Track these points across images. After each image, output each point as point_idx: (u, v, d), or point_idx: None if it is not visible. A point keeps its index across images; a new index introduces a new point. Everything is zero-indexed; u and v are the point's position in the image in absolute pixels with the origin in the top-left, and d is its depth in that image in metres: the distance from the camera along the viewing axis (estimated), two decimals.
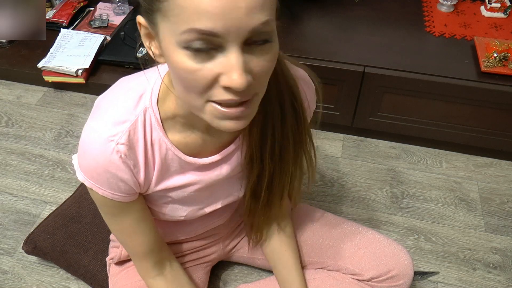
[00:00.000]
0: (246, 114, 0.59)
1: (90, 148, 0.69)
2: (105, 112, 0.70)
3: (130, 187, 0.74)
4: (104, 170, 0.70)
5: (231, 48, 0.52)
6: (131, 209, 0.78)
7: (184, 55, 0.53)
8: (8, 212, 1.38)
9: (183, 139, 0.74)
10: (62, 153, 1.57)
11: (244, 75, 0.53)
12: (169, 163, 0.76)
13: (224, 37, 0.51)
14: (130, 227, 0.81)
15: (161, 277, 0.90)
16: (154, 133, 0.72)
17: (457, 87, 1.40)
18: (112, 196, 0.73)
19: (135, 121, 0.70)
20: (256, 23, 0.51)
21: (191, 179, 0.80)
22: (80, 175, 0.73)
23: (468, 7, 1.69)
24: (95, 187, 0.72)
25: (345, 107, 1.54)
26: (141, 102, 0.70)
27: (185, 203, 0.84)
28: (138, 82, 0.72)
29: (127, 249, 0.88)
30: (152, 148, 0.73)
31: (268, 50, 0.56)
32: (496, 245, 1.34)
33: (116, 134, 0.68)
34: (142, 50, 1.76)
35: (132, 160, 0.71)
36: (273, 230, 0.99)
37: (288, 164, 0.81)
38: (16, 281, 1.22)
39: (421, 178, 1.52)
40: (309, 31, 1.57)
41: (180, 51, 0.53)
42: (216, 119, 0.59)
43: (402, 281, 0.97)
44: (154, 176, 0.76)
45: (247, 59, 0.54)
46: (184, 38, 0.52)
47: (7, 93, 1.81)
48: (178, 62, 0.54)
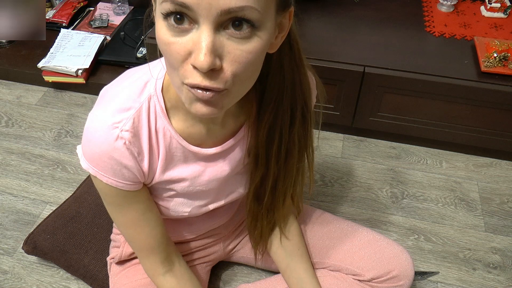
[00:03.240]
0: (216, 101, 0.57)
1: (95, 135, 0.69)
2: (110, 100, 0.71)
3: (134, 175, 0.73)
4: (108, 157, 0.70)
5: (203, 25, 0.51)
6: (136, 199, 0.77)
7: (163, 25, 0.54)
8: (8, 212, 1.38)
9: (186, 128, 0.74)
10: (62, 153, 1.57)
11: (209, 55, 0.51)
12: (173, 152, 0.76)
13: (196, 12, 0.50)
14: (135, 219, 0.80)
15: (171, 274, 0.88)
16: (159, 121, 0.72)
17: (457, 87, 1.40)
18: (116, 184, 0.73)
19: (139, 109, 0.70)
20: (231, 5, 0.49)
21: (195, 170, 0.79)
22: (84, 163, 0.72)
23: (468, 7, 1.69)
24: (99, 174, 0.72)
25: (345, 107, 1.54)
26: (145, 90, 0.70)
27: (190, 198, 0.84)
28: (143, 71, 0.72)
29: (133, 244, 0.86)
30: (157, 136, 0.73)
31: (249, 39, 0.54)
32: (496, 245, 1.34)
33: (121, 121, 0.68)
34: (142, 50, 1.77)
35: (137, 148, 0.71)
36: (278, 237, 0.98)
37: (292, 168, 0.82)
38: (16, 281, 1.22)
39: (421, 178, 1.52)
40: (309, 31, 1.57)
41: (161, 21, 0.54)
42: (189, 100, 0.58)
43: (402, 281, 0.97)
44: (158, 165, 0.76)
45: (222, 42, 0.53)
46: (162, 7, 0.52)
47: (7, 93, 1.81)
48: (158, 32, 0.55)
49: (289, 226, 0.98)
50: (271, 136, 0.76)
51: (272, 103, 0.73)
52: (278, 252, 0.99)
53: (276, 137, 0.76)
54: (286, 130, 0.76)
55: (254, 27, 0.53)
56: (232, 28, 0.52)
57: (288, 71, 0.70)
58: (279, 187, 0.84)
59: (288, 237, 0.98)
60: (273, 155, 0.78)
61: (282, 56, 0.69)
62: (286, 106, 0.73)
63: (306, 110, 0.76)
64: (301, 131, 0.78)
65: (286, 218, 0.97)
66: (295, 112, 0.75)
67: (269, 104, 0.73)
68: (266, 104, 0.73)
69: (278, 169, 0.80)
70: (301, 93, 0.74)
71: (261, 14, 0.52)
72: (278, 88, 0.71)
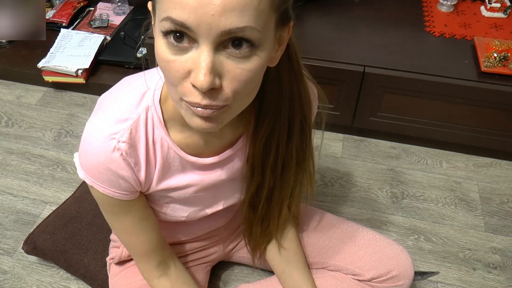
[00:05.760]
0: (216, 117, 0.57)
1: (92, 145, 0.69)
2: (107, 110, 0.70)
3: (131, 185, 0.74)
4: (105, 168, 0.70)
5: (203, 45, 0.51)
6: (132, 207, 0.78)
7: (163, 43, 0.54)
8: (8, 212, 1.38)
9: (184, 139, 0.74)
10: (62, 153, 1.57)
11: (208, 75, 0.51)
12: (171, 162, 0.76)
13: (196, 32, 0.50)
14: (131, 226, 0.80)
15: (166, 277, 0.89)
16: (156, 131, 0.72)
17: (457, 87, 1.39)
18: (113, 194, 0.73)
19: (137, 119, 0.70)
20: (231, 26, 0.50)
21: (192, 179, 0.80)
22: (81, 172, 0.73)
23: (468, 7, 1.69)
24: (96, 184, 0.72)
25: (345, 107, 1.53)
26: (143, 101, 0.70)
27: (186, 203, 0.84)
28: (142, 81, 0.72)
29: (129, 249, 0.87)
30: (154, 147, 0.73)
31: (249, 58, 0.54)
32: (496, 245, 1.34)
33: (118, 132, 0.68)
34: (142, 50, 1.76)
35: (133, 158, 0.71)
36: (275, 245, 0.98)
37: (289, 180, 0.81)
38: (16, 281, 1.22)
39: (421, 178, 1.52)
40: (309, 31, 1.57)
41: (160, 38, 0.54)
42: (189, 115, 0.58)
43: (402, 281, 0.97)
44: (155, 175, 0.76)
45: (221, 61, 0.53)
46: (162, 25, 0.52)
47: (7, 93, 1.81)
48: (157, 49, 0.55)
49: (286, 233, 0.98)
50: (268, 147, 0.75)
51: (269, 115, 0.72)
52: (275, 257, 1.00)
53: (272, 149, 0.75)
54: (283, 142, 0.75)
55: (254, 46, 0.53)
56: (232, 47, 0.52)
57: (286, 84, 0.70)
58: (274, 198, 0.83)
59: (284, 245, 0.97)
60: (269, 167, 0.77)
61: (280, 68, 0.68)
62: (284, 119, 0.72)
63: (305, 123, 0.76)
64: (299, 143, 0.77)
65: (283, 229, 0.97)
66: (293, 125, 0.74)
67: (267, 116, 0.72)
68: (263, 116, 0.72)
69: (274, 181, 0.80)
70: (300, 106, 0.73)
71: (261, 34, 0.52)
72: (276, 100, 0.71)
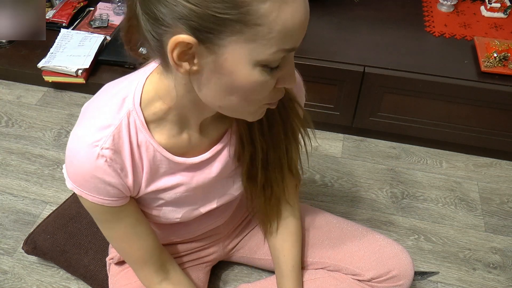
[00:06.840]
0: None
1: (76, 155, 0.70)
2: (90, 119, 0.71)
3: (119, 191, 0.73)
4: (91, 176, 0.70)
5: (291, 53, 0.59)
6: (124, 213, 0.78)
7: (259, 71, 0.56)
8: (8, 212, 1.38)
9: (169, 140, 0.74)
10: (62, 153, 1.57)
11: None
12: (158, 165, 0.76)
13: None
14: (126, 233, 0.80)
15: (167, 282, 0.89)
16: (140, 135, 0.71)
17: (457, 87, 1.40)
18: (102, 202, 0.73)
19: (119, 125, 0.69)
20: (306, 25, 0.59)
21: (181, 179, 0.79)
22: (69, 183, 0.73)
23: (468, 7, 1.69)
24: (85, 194, 0.72)
25: (345, 107, 1.54)
26: (124, 106, 0.70)
27: (178, 204, 0.84)
28: (121, 86, 0.72)
29: (127, 258, 0.87)
30: (139, 151, 0.73)
31: None
32: (496, 245, 1.34)
33: (100, 139, 0.68)
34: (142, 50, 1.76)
35: (119, 164, 0.71)
36: (279, 224, 0.98)
37: (279, 135, 0.81)
38: (16, 281, 1.22)
39: (421, 178, 1.52)
40: (308, 31, 1.56)
41: (254, 68, 0.56)
42: (259, 113, 0.67)
43: (402, 281, 0.97)
44: (143, 178, 0.76)
45: None
46: (269, 58, 0.55)
47: (7, 93, 1.81)
48: (249, 79, 0.57)
49: (287, 222, 0.98)
50: None
51: None
52: (270, 246, 1.01)
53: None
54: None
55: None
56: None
57: None
58: (270, 160, 0.83)
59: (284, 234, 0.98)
60: (256, 131, 0.78)
61: None
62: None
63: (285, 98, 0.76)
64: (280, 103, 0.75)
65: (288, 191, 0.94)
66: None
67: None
68: None
69: (266, 141, 0.80)
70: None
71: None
72: None
